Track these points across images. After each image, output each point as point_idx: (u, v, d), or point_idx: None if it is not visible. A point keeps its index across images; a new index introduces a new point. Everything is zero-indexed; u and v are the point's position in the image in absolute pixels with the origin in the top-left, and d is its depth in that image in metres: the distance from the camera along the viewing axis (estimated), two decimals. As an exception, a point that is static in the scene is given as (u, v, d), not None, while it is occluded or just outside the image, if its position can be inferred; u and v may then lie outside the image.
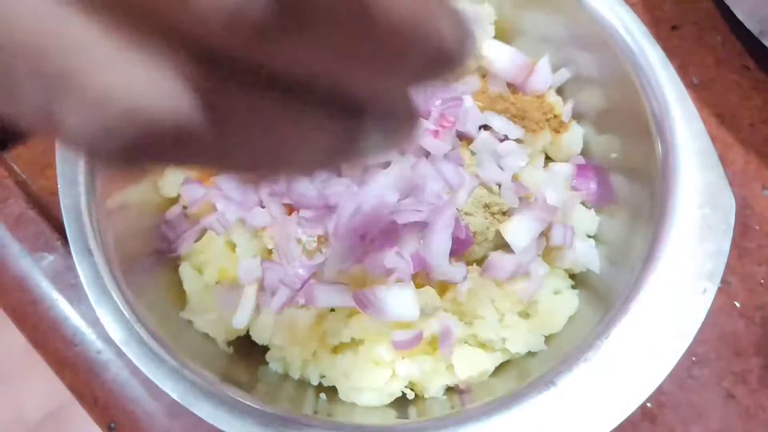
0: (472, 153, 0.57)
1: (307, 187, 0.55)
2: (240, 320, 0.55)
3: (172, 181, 0.62)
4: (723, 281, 0.66)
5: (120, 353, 0.55)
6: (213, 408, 0.46)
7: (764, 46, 0.72)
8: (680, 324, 0.47)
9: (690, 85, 0.76)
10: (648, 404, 0.62)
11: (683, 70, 0.77)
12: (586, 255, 0.57)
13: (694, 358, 0.64)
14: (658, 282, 0.49)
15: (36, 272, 0.62)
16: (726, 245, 0.50)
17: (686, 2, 0.81)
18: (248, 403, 0.48)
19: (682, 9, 0.80)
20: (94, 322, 0.60)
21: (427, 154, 0.54)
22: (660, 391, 0.60)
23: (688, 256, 0.49)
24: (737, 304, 0.66)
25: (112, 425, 0.57)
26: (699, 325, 0.47)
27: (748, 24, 0.70)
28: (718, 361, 0.64)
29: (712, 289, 0.48)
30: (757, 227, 0.69)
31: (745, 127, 0.74)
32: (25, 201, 0.64)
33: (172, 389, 0.47)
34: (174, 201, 0.62)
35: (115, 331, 0.49)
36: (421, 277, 0.53)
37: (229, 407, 0.47)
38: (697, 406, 0.62)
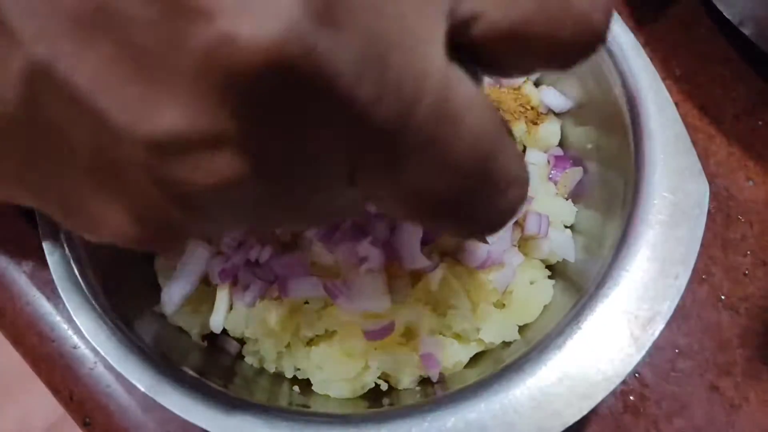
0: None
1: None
2: (216, 323, 0.55)
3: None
4: (706, 273, 0.65)
5: (96, 349, 0.55)
6: (181, 399, 0.46)
7: (746, 36, 0.72)
8: (653, 308, 0.47)
9: (673, 77, 0.76)
10: (631, 397, 0.61)
11: (666, 62, 0.77)
12: (561, 245, 0.57)
13: (677, 351, 0.63)
14: (629, 267, 0.48)
15: (13, 269, 0.62)
16: (699, 231, 0.49)
17: (669, -5, 0.81)
18: (221, 391, 0.48)
19: (666, 1, 0.80)
20: (71, 319, 0.60)
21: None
22: (643, 383, 0.60)
23: (660, 241, 0.49)
24: (722, 296, 0.65)
25: (87, 420, 0.57)
26: (672, 309, 0.47)
27: (728, 13, 0.69)
28: (702, 353, 0.63)
29: (684, 273, 0.47)
30: (741, 218, 0.68)
31: (728, 119, 0.73)
32: (5, 199, 0.65)
33: (139, 380, 0.46)
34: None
35: (84, 322, 0.49)
36: (394, 267, 0.53)
37: (199, 398, 0.46)
38: (680, 399, 0.61)
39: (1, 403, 1.85)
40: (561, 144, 0.65)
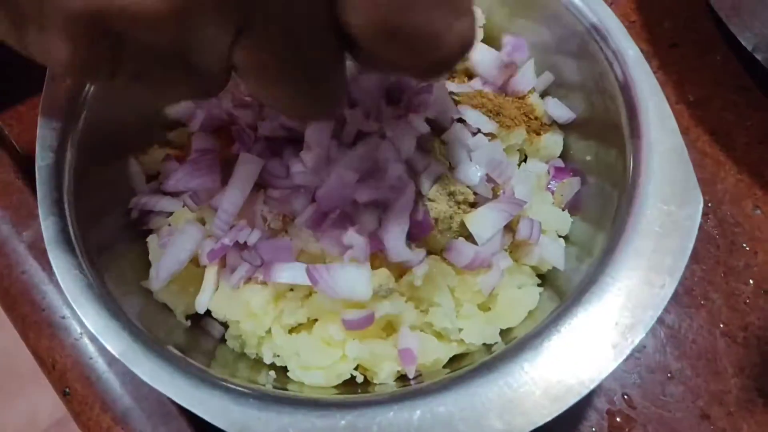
0: (443, 143, 0.57)
1: (275, 166, 0.55)
2: (201, 303, 0.55)
3: (154, 158, 0.63)
4: (705, 298, 0.64)
5: (82, 320, 0.56)
6: (152, 368, 0.46)
7: (763, 66, 0.71)
8: (635, 317, 0.46)
9: (686, 102, 0.75)
10: (617, 418, 0.59)
11: (680, 87, 0.76)
12: (552, 252, 0.56)
13: (669, 375, 0.61)
14: (615, 274, 0.47)
15: (14, 238, 0.64)
16: (689, 243, 0.48)
17: (687, 21, 0.80)
18: (193, 363, 0.48)
19: (683, 28, 0.80)
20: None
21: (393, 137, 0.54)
22: (630, 405, 0.58)
23: (649, 250, 0.48)
24: (720, 324, 0.63)
25: (67, 390, 0.57)
26: (655, 318, 0.45)
27: (742, 39, 0.69)
28: (694, 380, 0.61)
29: (670, 283, 0.46)
30: (745, 246, 0.67)
31: (739, 146, 0.72)
32: (14, 170, 0.67)
33: (112, 345, 0.47)
34: (153, 178, 0.63)
35: (67, 284, 0.49)
36: (380, 259, 0.53)
37: (170, 369, 0.47)
38: (668, 424, 0.59)
39: (10, 397, 1.88)
40: (563, 156, 0.65)
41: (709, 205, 0.68)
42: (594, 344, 0.45)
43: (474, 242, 0.54)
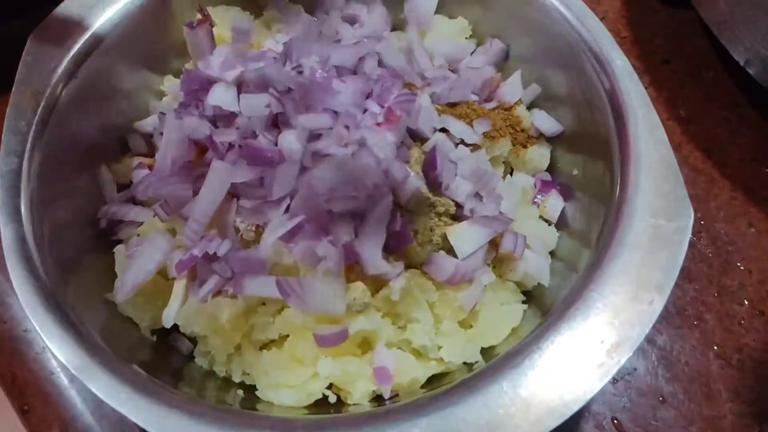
0: (423, 153, 0.55)
1: (247, 174, 0.53)
2: (168, 317, 0.53)
3: (127, 167, 0.61)
4: (698, 319, 0.61)
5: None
6: (110, 383, 0.43)
7: (757, 83, 0.70)
8: (621, 334, 0.43)
9: (678, 118, 0.74)
10: (606, 444, 0.56)
11: (671, 102, 0.75)
12: (537, 267, 0.53)
13: (660, 398, 0.58)
14: (601, 289, 0.45)
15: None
16: (679, 258, 0.46)
17: (680, 38, 0.79)
18: (154, 380, 0.45)
19: (675, 44, 0.79)
20: (28, 302, 0.59)
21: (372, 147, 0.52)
22: (620, 428, 0.56)
23: (637, 265, 0.45)
24: (714, 346, 0.61)
25: (26, 408, 0.54)
26: (643, 336, 0.43)
27: (735, 54, 0.67)
28: (687, 404, 0.58)
29: (659, 300, 0.44)
30: (740, 265, 0.64)
31: (732, 162, 0.70)
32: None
33: (68, 360, 0.44)
34: (125, 188, 0.61)
35: (26, 297, 0.47)
36: (355, 273, 0.50)
37: (128, 385, 0.44)
38: (660, 451, 0.56)
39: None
40: (549, 169, 0.63)
41: (702, 222, 0.66)
42: (578, 363, 0.42)
43: (455, 256, 0.52)
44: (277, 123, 0.54)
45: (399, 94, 0.55)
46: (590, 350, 0.43)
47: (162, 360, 0.54)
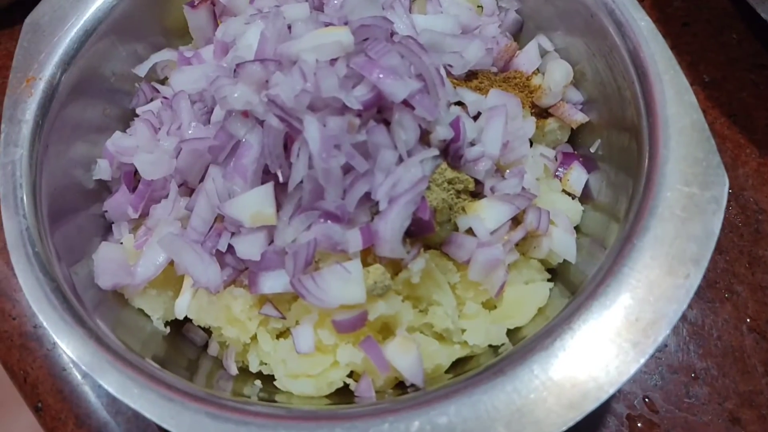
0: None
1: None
2: (180, 308, 0.51)
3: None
4: (730, 291, 0.59)
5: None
6: (122, 379, 0.42)
7: (784, 42, 0.66)
8: (657, 311, 0.41)
9: (701, 83, 0.71)
10: (639, 424, 0.54)
11: (694, 67, 0.72)
12: (562, 244, 0.51)
13: (693, 375, 0.56)
14: (633, 264, 0.42)
15: (-16, 243, 0.60)
16: (716, 227, 0.43)
17: (700, 0, 0.76)
18: (167, 374, 0.43)
19: (695, 6, 0.75)
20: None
21: (387, 123, 0.49)
22: (652, 409, 0.53)
23: (670, 237, 0.43)
24: (747, 318, 0.58)
25: (39, 405, 0.53)
26: (680, 313, 0.40)
27: (762, 12, 0.64)
28: (721, 379, 0.56)
29: (696, 274, 0.41)
30: (771, 234, 0.62)
31: (760, 128, 0.67)
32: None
33: (78, 355, 0.42)
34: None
35: (32, 292, 0.45)
36: (372, 255, 0.48)
37: (139, 381, 0.42)
38: (695, 429, 0.54)
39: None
40: (571, 141, 0.60)
41: (731, 191, 0.63)
42: (612, 343, 0.40)
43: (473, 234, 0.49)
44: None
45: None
46: (625, 329, 0.40)
47: (176, 352, 0.52)
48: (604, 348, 0.40)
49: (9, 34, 0.74)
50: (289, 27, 0.52)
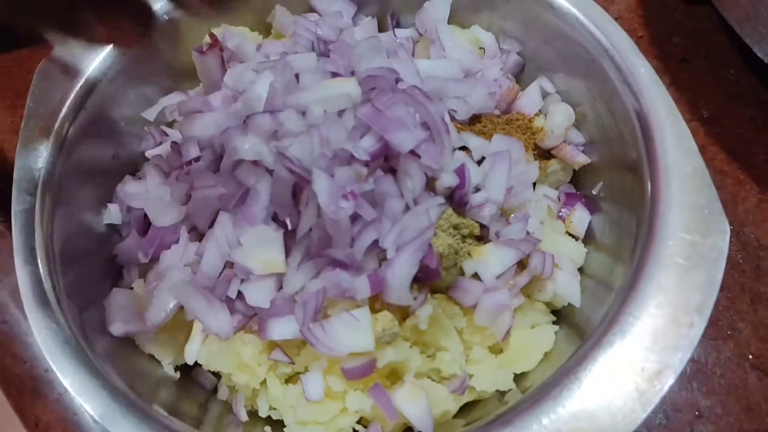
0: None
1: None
2: (191, 353, 0.51)
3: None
4: (732, 328, 0.59)
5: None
6: (134, 429, 0.42)
7: (781, 79, 0.68)
8: (663, 361, 0.41)
9: (701, 119, 0.72)
10: (643, 463, 0.55)
11: (693, 103, 0.73)
12: (567, 287, 0.52)
13: (697, 413, 0.56)
14: (638, 313, 0.43)
15: (-4, 286, 0.60)
16: (718, 275, 0.44)
17: (698, 36, 0.77)
18: (177, 423, 0.44)
19: (693, 42, 0.76)
20: (47, 341, 0.58)
21: (393, 171, 0.50)
22: (657, 448, 0.54)
23: (674, 286, 0.44)
24: (750, 355, 0.59)
25: (50, 451, 0.53)
26: (685, 361, 0.41)
27: (758, 51, 0.65)
28: (726, 417, 0.56)
29: (700, 323, 0.42)
30: (772, 271, 0.62)
31: (759, 163, 0.68)
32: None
33: (92, 406, 0.43)
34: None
35: (45, 341, 0.46)
36: (380, 302, 0.49)
37: (152, 429, 0.43)
38: (700, 469, 0.54)
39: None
40: (573, 182, 0.61)
41: (731, 227, 0.64)
42: (619, 392, 0.41)
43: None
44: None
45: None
46: (631, 378, 0.41)
47: (185, 396, 0.53)
48: (610, 398, 0.41)
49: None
50: (297, 75, 0.53)
